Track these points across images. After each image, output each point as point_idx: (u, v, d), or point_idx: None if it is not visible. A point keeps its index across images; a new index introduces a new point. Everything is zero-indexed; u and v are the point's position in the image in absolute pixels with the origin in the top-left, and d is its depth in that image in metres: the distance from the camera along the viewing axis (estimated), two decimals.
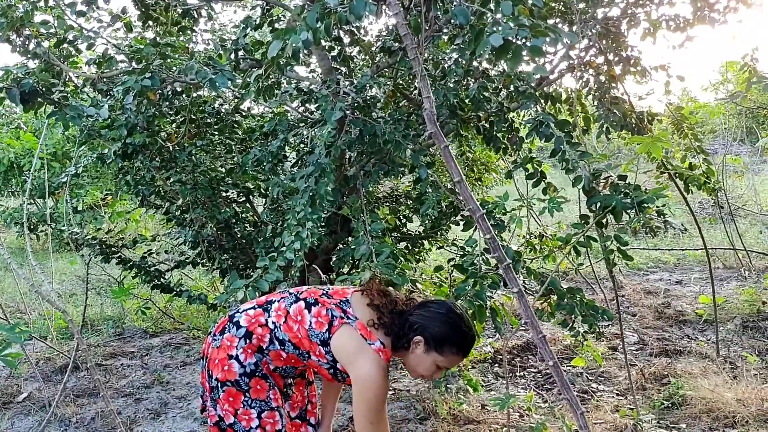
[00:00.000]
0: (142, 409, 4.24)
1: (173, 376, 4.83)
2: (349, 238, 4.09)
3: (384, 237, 3.04)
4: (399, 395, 4.31)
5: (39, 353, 5.26)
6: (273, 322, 2.26)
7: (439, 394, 4.17)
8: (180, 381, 4.73)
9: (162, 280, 4.65)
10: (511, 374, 4.70)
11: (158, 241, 4.63)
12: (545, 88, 3.86)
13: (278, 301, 2.32)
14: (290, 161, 4.23)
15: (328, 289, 2.35)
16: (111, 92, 3.46)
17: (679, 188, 4.63)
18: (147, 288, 4.81)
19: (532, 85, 3.35)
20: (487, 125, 3.61)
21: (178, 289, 4.61)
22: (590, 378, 4.52)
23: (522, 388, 4.46)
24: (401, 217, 4.54)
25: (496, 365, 4.87)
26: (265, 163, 3.59)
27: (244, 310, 2.33)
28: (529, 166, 3.43)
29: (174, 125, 4.17)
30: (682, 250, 7.97)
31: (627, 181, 2.85)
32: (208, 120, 4.26)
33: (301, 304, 2.27)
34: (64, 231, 4.51)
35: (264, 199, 4.45)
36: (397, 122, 3.42)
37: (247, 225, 4.12)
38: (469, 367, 4.83)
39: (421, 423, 3.89)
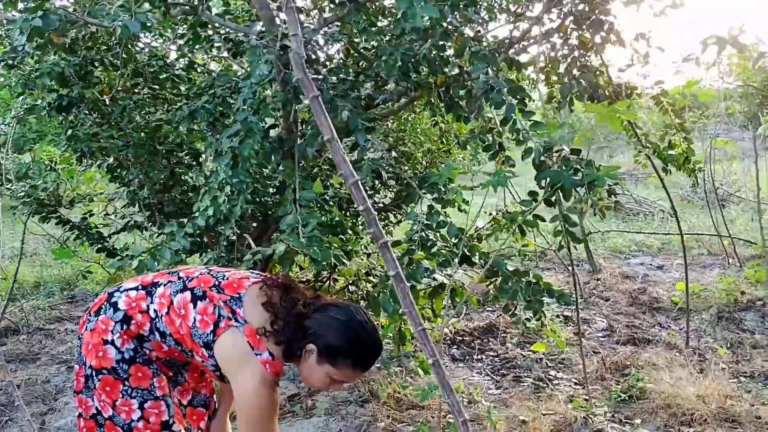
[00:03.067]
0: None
1: None
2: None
3: (312, 207, 2.76)
4: None
5: None
6: (155, 310, 1.97)
7: (383, 377, 3.94)
8: None
9: (105, 243, 4.39)
10: (468, 357, 4.47)
11: (97, 201, 4.35)
12: (514, 55, 3.56)
13: (164, 285, 2.01)
14: None
15: (223, 278, 2.01)
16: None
17: (655, 168, 4.35)
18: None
19: (488, 47, 3.05)
20: (443, 90, 3.31)
21: (123, 254, 4.36)
22: (550, 365, 4.28)
23: (477, 372, 4.23)
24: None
25: (455, 347, 4.64)
26: (200, 121, 3.31)
27: (125, 290, 2.03)
28: (489, 136, 3.15)
29: (119, 77, 3.86)
30: (664, 234, 7.70)
31: (580, 156, 2.57)
32: (150, 72, 3.96)
33: (187, 295, 1.95)
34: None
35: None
36: (343, 81, 3.13)
37: (186, 188, 3.84)
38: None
39: (361, 406, 3.67)
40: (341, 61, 3.64)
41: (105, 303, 2.00)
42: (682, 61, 4.19)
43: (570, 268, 6.19)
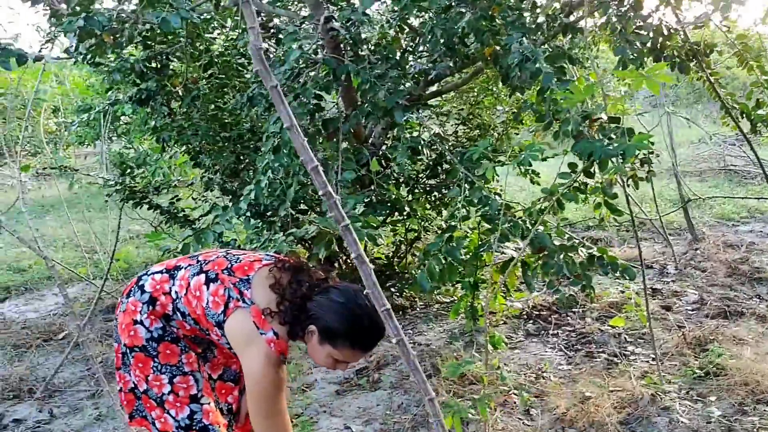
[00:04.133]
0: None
1: None
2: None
3: (351, 188, 2.82)
4: (414, 349, 4.14)
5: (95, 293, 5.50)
6: (176, 292, 2.10)
7: (451, 351, 3.95)
8: None
9: (193, 226, 4.68)
10: (543, 332, 4.39)
11: (180, 187, 4.62)
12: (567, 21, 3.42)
13: (185, 268, 2.14)
14: None
15: (236, 261, 2.11)
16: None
17: (741, 130, 4.05)
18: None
19: (533, 15, 2.95)
20: (491, 62, 3.25)
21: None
22: (629, 340, 4.13)
23: (550, 348, 4.15)
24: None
25: (531, 321, 4.57)
26: (258, 107, 3.44)
27: (151, 273, 2.18)
28: (541, 107, 3.06)
29: (187, 68, 4.08)
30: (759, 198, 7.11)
31: (618, 125, 2.45)
32: (221, 62, 4.15)
33: (202, 278, 2.07)
34: (96, 178, 4.60)
35: None
36: (386, 59, 3.15)
37: (254, 172, 4.01)
38: (501, 321, 4.57)
39: (430, 378, 3.71)
40: (392, 38, 3.64)
41: (134, 286, 2.16)
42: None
43: (665, 238, 5.90)
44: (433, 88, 4.64)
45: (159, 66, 4.06)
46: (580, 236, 6.16)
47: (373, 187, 3.56)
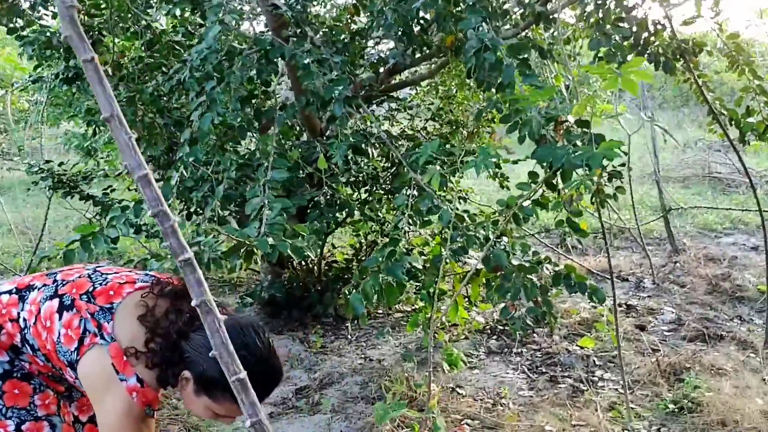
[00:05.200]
0: None
1: None
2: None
3: (279, 188, 2.42)
4: (361, 368, 3.76)
5: None
6: (24, 319, 1.70)
7: (402, 371, 3.58)
8: None
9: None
10: (506, 350, 4.03)
11: (113, 176, 4.21)
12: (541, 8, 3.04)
13: (39, 290, 1.73)
14: None
15: (102, 282, 1.69)
16: None
17: (729, 138, 3.70)
18: None
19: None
20: (453, 53, 2.87)
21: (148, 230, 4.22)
22: (598, 363, 3.78)
23: (513, 369, 3.79)
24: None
25: (494, 337, 4.21)
26: (192, 91, 3.03)
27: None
28: (505, 106, 2.69)
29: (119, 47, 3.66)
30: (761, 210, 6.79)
31: (585, 129, 2.07)
32: (150, 41, 3.73)
33: (55, 304, 1.67)
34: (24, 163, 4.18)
35: None
36: (332, 44, 2.75)
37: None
38: (462, 336, 4.21)
39: (372, 403, 3.33)
40: (347, 21, 3.24)
41: None
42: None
43: (644, 249, 5.56)
44: (400, 79, 4.27)
45: (90, 42, 3.63)
46: (556, 243, 5.81)
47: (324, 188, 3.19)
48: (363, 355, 3.98)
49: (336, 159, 2.42)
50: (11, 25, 3.65)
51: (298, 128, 3.49)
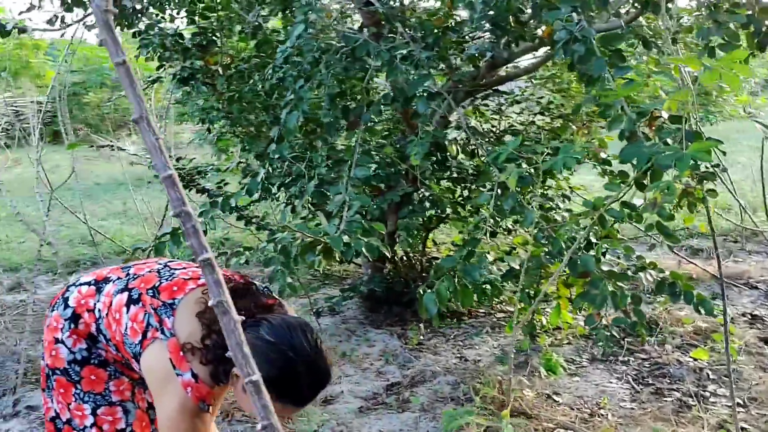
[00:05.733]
0: None
1: None
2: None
3: (363, 186, 2.42)
4: (455, 368, 3.70)
5: None
6: (99, 310, 1.79)
7: (495, 374, 3.48)
8: None
9: (241, 211, 4.47)
10: (612, 357, 3.82)
11: (227, 172, 4.37)
12: None
13: (113, 282, 1.81)
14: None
15: (168, 278, 1.75)
16: None
17: None
18: None
19: None
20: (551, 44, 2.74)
21: (258, 222, 4.40)
22: (712, 377, 3.49)
23: (617, 378, 3.59)
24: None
25: (600, 343, 3.99)
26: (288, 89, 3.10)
27: (79, 284, 1.87)
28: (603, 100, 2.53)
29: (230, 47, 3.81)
30: None
31: (681, 125, 1.90)
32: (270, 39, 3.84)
33: (124, 297, 1.74)
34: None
35: None
36: (422, 39, 2.72)
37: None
38: (565, 341, 4.03)
39: (462, 404, 3.27)
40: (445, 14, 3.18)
41: (60, 297, 1.86)
42: None
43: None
44: (507, 72, 4.15)
45: (204, 43, 3.82)
46: (681, 246, 5.44)
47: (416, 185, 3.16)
48: (459, 355, 3.92)
49: (414, 157, 2.38)
50: (135, 29, 3.88)
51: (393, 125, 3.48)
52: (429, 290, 2.24)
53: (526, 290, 3.42)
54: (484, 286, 4.10)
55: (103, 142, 11.70)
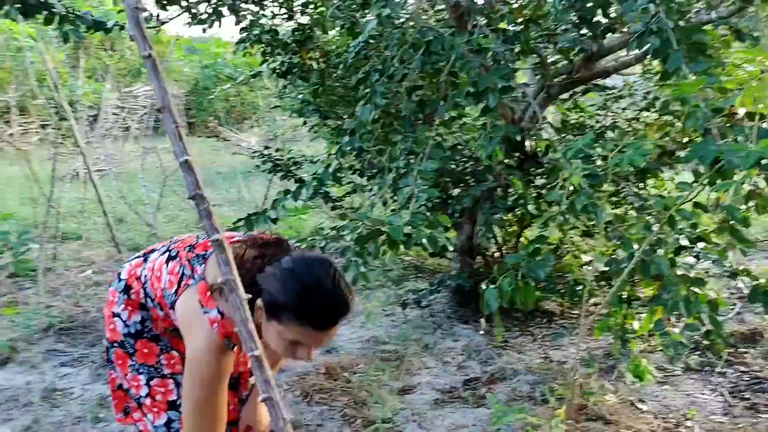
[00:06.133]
0: None
1: None
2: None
3: (430, 179, 2.44)
4: (538, 367, 3.63)
5: None
6: (145, 276, 1.92)
7: (579, 376, 3.38)
8: None
9: (335, 202, 4.62)
10: (708, 368, 3.61)
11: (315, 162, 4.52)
12: None
13: (158, 251, 1.96)
14: None
15: (204, 238, 1.87)
16: None
17: None
18: None
19: None
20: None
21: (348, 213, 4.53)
22: None
23: (710, 389, 3.39)
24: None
25: (697, 352, 3.78)
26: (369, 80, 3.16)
27: (130, 260, 2.03)
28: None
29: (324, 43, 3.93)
30: None
31: (753, 122, 1.77)
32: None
33: (164, 257, 1.88)
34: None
35: None
36: (503, 32, 2.69)
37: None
38: (659, 348, 3.84)
39: (537, 405, 3.21)
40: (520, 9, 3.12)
41: (117, 274, 2.02)
42: None
43: None
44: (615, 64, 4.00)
45: (302, 38, 3.96)
46: None
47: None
48: (544, 355, 3.84)
49: (482, 152, 2.37)
50: (242, 25, 4.08)
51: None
52: (492, 285, 2.22)
53: (618, 293, 3.30)
54: (576, 288, 4.00)
55: (228, 134, 12.33)
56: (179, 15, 3.28)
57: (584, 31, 2.87)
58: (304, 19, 4.09)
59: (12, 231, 5.32)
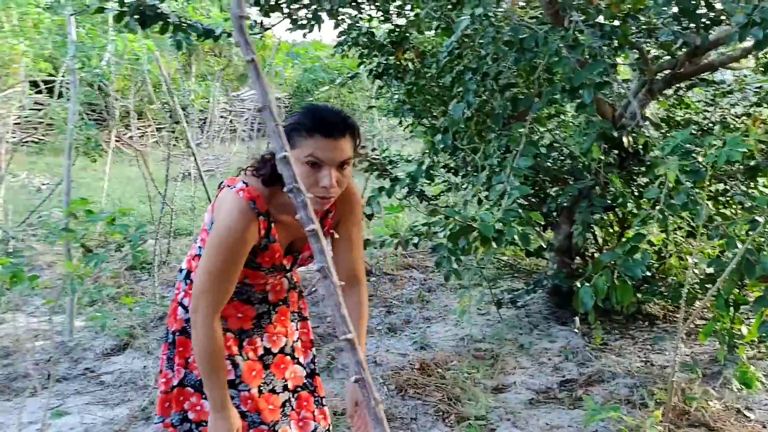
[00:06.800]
0: (383, 323, 4.38)
1: (436, 296, 4.87)
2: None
3: (523, 176, 2.44)
4: (637, 371, 3.53)
5: None
6: (198, 247, 2.00)
7: (681, 381, 3.27)
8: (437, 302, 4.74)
9: (431, 201, 4.66)
10: None
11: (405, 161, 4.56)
12: None
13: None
14: None
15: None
16: None
17: None
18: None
19: None
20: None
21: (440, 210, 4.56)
22: None
23: None
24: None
25: None
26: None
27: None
28: None
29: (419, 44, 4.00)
30: None
31: None
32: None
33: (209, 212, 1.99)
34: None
35: None
36: (601, 26, 2.66)
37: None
38: None
39: (636, 408, 3.13)
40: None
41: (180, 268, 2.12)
42: None
43: None
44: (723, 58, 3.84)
45: (398, 39, 4.03)
46: None
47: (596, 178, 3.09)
48: (644, 359, 3.73)
49: (575, 148, 2.34)
50: (341, 28, 4.21)
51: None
52: (587, 284, 2.20)
53: (725, 297, 3.17)
54: (679, 290, 3.86)
55: None
56: (281, 21, 3.43)
57: (686, 24, 2.77)
58: (400, 21, 4.16)
59: (131, 225, 5.69)
